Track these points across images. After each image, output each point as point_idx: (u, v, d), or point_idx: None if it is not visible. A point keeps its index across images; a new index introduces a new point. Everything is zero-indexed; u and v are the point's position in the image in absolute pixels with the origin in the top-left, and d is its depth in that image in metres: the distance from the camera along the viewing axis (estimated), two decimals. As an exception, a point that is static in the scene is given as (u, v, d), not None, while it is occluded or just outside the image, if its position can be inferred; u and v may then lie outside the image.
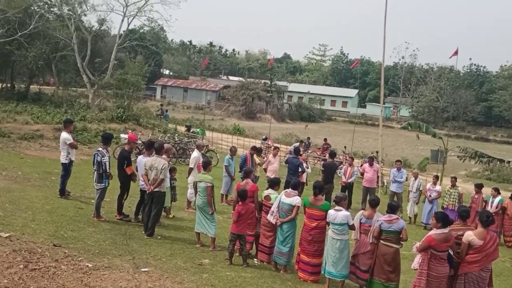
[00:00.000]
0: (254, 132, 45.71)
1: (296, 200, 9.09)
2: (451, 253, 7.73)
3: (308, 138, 29.58)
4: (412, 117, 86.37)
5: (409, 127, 24.56)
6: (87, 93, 38.39)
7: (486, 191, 16.56)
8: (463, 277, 7.66)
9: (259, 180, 15.80)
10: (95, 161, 10.66)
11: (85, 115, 28.99)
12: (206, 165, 10.23)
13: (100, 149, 10.76)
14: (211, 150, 24.85)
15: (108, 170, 10.59)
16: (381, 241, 8.34)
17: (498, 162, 25.85)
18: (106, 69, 38.20)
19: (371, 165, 17.02)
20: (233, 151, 15.25)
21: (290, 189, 9.26)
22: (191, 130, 31.68)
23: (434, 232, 7.64)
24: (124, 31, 39.75)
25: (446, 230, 7.61)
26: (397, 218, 8.33)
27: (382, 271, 8.31)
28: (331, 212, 8.64)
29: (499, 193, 15.54)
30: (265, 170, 15.67)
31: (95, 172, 10.68)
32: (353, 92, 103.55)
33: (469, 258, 7.64)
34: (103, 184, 10.64)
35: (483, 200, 15.40)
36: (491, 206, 15.17)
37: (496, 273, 11.16)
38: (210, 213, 9.82)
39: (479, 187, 15.77)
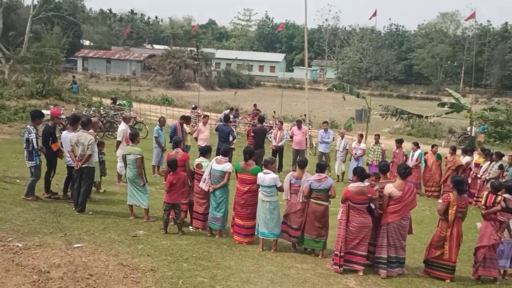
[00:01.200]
0: (183, 101, 45.19)
1: (227, 166, 9.26)
2: (372, 206, 8.24)
3: (235, 109, 29.70)
4: (338, 78, 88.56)
5: (334, 89, 25.25)
6: (2, 69, 36.31)
7: (407, 146, 17.50)
8: (386, 227, 8.21)
9: (190, 149, 15.84)
10: (24, 139, 10.31)
11: (2, 92, 27.51)
12: (133, 137, 10.16)
13: (28, 126, 10.39)
14: (140, 122, 24.47)
15: (36, 147, 10.27)
16: (312, 200, 8.68)
17: (418, 118, 27.21)
18: (21, 43, 36.20)
19: (299, 128, 17.39)
20: (162, 121, 15.16)
21: (220, 156, 9.40)
22: (117, 103, 30.90)
23: (351, 185, 8.21)
24: (38, 1, 37.65)
25: (362, 184, 8.14)
26: (326, 177, 8.70)
27: (313, 228, 8.70)
28: (260, 175, 8.88)
29: (418, 147, 16.47)
30: (196, 139, 15.71)
31: (25, 150, 10.34)
32: (280, 57, 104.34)
33: (390, 209, 8.19)
34: (34, 161, 10.32)
35: (403, 155, 16.24)
36: (412, 160, 16.08)
37: (417, 221, 11.99)
38: (141, 184, 9.81)
39: (399, 142, 16.59)
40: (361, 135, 17.29)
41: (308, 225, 8.75)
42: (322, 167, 8.87)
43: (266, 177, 8.81)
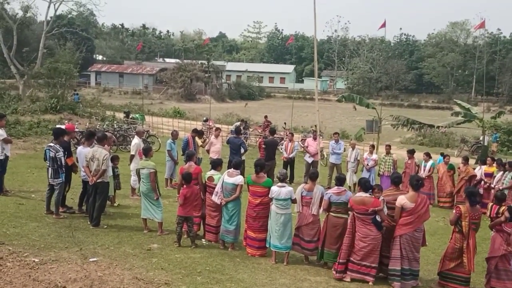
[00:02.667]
0: (195, 114, 45.49)
1: (238, 179, 9.31)
2: (378, 218, 8.25)
3: (245, 121, 29.79)
4: (348, 89, 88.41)
5: (344, 100, 25.25)
6: (16, 84, 36.81)
7: (419, 156, 17.42)
8: (399, 239, 8.17)
9: (202, 161, 15.90)
10: (48, 156, 10.39)
11: (16, 107, 27.88)
12: (147, 152, 10.25)
13: (52, 144, 10.50)
14: (152, 135, 24.66)
15: (63, 164, 10.40)
16: (331, 213, 8.72)
17: (429, 128, 27.09)
18: (35, 58, 36.72)
19: (315, 139, 17.43)
20: (174, 135, 15.28)
21: (232, 169, 9.45)
22: (130, 116, 31.20)
23: (355, 195, 8.35)
24: (51, 17, 38.24)
25: (364, 194, 8.25)
26: (345, 190, 8.75)
27: (333, 242, 8.71)
28: (274, 188, 8.89)
29: (430, 157, 16.39)
30: (208, 151, 15.77)
31: (50, 168, 10.42)
32: (290, 68, 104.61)
33: (403, 221, 8.16)
34: (60, 179, 10.43)
35: (415, 165, 16.17)
36: (424, 170, 16.00)
37: (431, 232, 11.91)
38: (155, 198, 9.88)
39: (411, 152, 16.52)
40: (373, 146, 17.24)
41: (328, 239, 8.76)
42: (341, 181, 8.92)
43: (282, 190, 8.84)
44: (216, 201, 9.40)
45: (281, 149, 19.13)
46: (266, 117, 31.05)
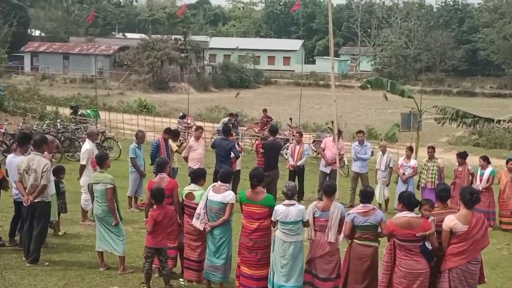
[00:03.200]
0: (168, 108, 45.36)
1: (228, 196, 9.28)
2: (428, 246, 8.25)
3: (235, 115, 29.75)
4: (376, 71, 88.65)
5: (370, 86, 25.31)
6: None
7: (473, 161, 17.41)
8: (447, 274, 8.17)
9: (178, 173, 15.89)
10: None
11: None
12: (102, 160, 10.26)
13: None
14: (110, 138, 24.65)
15: None
16: (355, 241, 8.73)
17: (487, 123, 27.17)
18: None
19: (334, 140, 17.34)
20: (139, 137, 15.25)
21: (219, 182, 9.44)
22: (79, 113, 31.16)
23: (396, 216, 8.36)
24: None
25: (410, 214, 8.25)
26: (374, 209, 8.78)
27: (359, 278, 8.72)
28: (279, 208, 8.90)
29: (489, 163, 16.35)
30: (186, 159, 15.79)
31: None
32: (296, 44, 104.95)
33: (453, 249, 8.16)
34: None
35: (469, 173, 16.16)
36: (480, 180, 15.98)
37: (491, 264, 11.91)
38: (114, 224, 9.87)
39: (462, 156, 16.50)
40: (411, 148, 17.26)
41: (352, 276, 8.78)
42: (368, 195, 8.95)
43: (291, 210, 8.84)
44: (198, 227, 9.37)
45: (286, 154, 19.11)
46: (265, 111, 31.03)
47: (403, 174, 16.56)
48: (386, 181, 17.16)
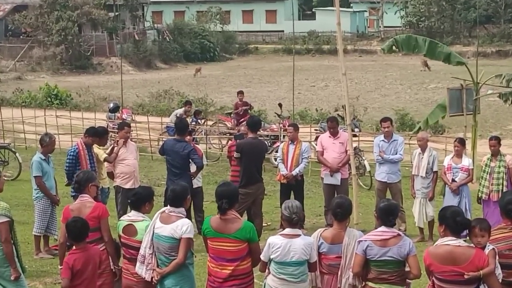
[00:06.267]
0: (92, 97, 45.26)
1: (181, 227, 9.30)
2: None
3: (188, 103, 29.55)
4: (409, 26, 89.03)
5: (397, 49, 25.13)
6: None
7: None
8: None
9: (111, 195, 15.93)
10: None
11: None
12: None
13: None
14: (3, 147, 24.37)
15: None
16: (369, 283, 8.79)
17: None
18: None
19: (334, 134, 17.39)
20: (47, 143, 15.05)
21: (169, 206, 9.48)
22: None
23: (435, 244, 8.45)
24: None
25: (454, 241, 8.23)
26: (398, 235, 8.84)
27: None
28: (276, 241, 8.99)
29: None
30: (110, 174, 15.97)
31: None
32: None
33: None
34: None
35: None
36: None
37: None
38: (12, 278, 9.89)
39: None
40: (462, 142, 17.18)
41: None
42: (390, 213, 9.00)
43: (295, 244, 8.91)
44: (144, 276, 9.42)
45: (276, 159, 19.04)
46: (240, 94, 30.95)
47: (453, 180, 16.53)
48: (429, 193, 17.07)
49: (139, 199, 9.82)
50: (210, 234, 9.21)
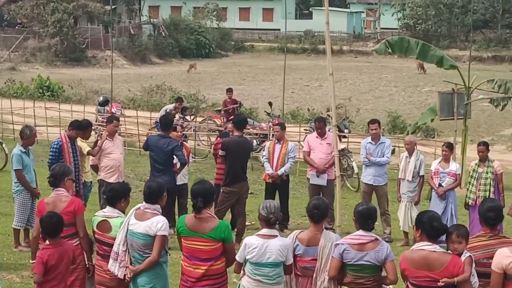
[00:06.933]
0: (84, 90, 45.25)
1: (156, 224, 9.23)
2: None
3: (179, 100, 29.49)
4: (406, 28, 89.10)
5: (389, 50, 25.07)
6: None
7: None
8: None
9: (91, 189, 15.85)
10: None
11: None
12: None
13: None
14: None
15: None
16: (345, 288, 8.76)
17: None
18: None
19: (320, 135, 17.34)
20: (27, 136, 14.97)
21: (144, 202, 9.40)
22: None
23: (411, 249, 8.41)
24: None
25: (429, 247, 8.17)
26: (376, 239, 8.76)
27: None
28: (252, 241, 8.94)
29: None
30: (94, 167, 15.99)
31: None
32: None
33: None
34: None
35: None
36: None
37: None
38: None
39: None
40: (450, 146, 17.16)
41: None
42: (368, 217, 8.91)
43: (271, 244, 8.85)
44: (116, 273, 9.35)
45: (262, 158, 18.99)
46: (229, 91, 30.96)
47: (440, 185, 16.49)
48: (415, 198, 17.07)
49: (115, 195, 9.75)
50: (184, 233, 9.15)
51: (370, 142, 17.48)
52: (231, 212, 16.34)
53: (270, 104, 29.93)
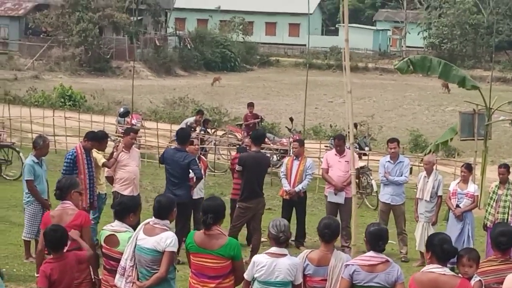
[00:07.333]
0: (107, 100, 45.39)
1: (165, 240, 9.13)
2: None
3: (200, 113, 29.46)
4: (431, 47, 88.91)
5: (411, 68, 24.95)
6: None
7: None
8: None
9: (105, 201, 15.83)
10: None
11: None
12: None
13: None
14: (6, 145, 24.19)
15: None
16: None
17: None
18: None
19: (339, 152, 17.28)
20: (40, 146, 14.90)
21: (154, 218, 9.31)
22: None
23: (422, 270, 8.28)
24: None
25: (439, 269, 8.08)
26: (387, 261, 8.64)
27: None
28: (261, 259, 8.89)
29: None
30: (110, 179, 15.94)
31: None
32: (311, 5, 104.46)
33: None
34: None
35: None
36: None
37: None
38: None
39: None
40: (469, 167, 17.04)
41: None
42: (381, 239, 8.80)
43: (280, 263, 8.79)
44: (122, 289, 9.29)
45: (280, 174, 18.91)
46: (250, 105, 30.92)
47: (457, 206, 16.36)
48: (432, 218, 16.96)
49: (124, 209, 9.67)
50: (193, 249, 9.11)
51: (388, 161, 17.47)
52: (247, 227, 16.29)
53: (291, 119, 29.96)
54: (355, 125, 26.82)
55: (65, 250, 9.17)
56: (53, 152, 26.54)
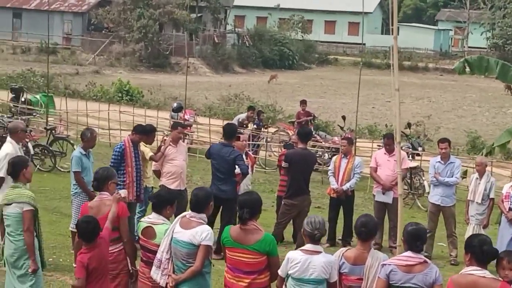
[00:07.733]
0: (163, 96, 45.65)
1: (201, 233, 9.11)
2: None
3: (252, 109, 29.34)
4: (494, 48, 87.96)
5: (468, 69, 24.68)
6: None
7: None
8: None
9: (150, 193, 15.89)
10: None
11: None
12: (16, 169, 10.23)
13: None
14: (62, 138, 24.59)
15: None
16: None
17: None
18: None
19: (389, 151, 17.16)
20: (88, 138, 14.93)
21: (190, 211, 9.30)
22: (23, 98, 31.16)
23: (461, 272, 8.13)
24: None
25: (479, 272, 7.94)
26: (425, 262, 8.54)
27: None
28: (295, 256, 8.83)
29: None
30: (157, 173, 15.97)
31: None
32: (370, 3, 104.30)
33: None
34: None
35: None
36: None
37: None
38: (30, 270, 9.84)
39: None
40: (523, 170, 16.86)
41: None
42: (419, 239, 8.70)
43: (314, 260, 8.74)
44: (159, 281, 9.28)
45: (329, 173, 18.83)
46: (303, 103, 30.83)
47: (510, 209, 16.08)
48: (483, 221, 16.70)
49: (161, 202, 9.72)
50: (229, 244, 9.10)
51: (439, 161, 17.18)
52: (293, 225, 16.22)
53: (343, 118, 29.85)
54: (409, 125, 26.74)
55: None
56: (107, 145, 26.93)
